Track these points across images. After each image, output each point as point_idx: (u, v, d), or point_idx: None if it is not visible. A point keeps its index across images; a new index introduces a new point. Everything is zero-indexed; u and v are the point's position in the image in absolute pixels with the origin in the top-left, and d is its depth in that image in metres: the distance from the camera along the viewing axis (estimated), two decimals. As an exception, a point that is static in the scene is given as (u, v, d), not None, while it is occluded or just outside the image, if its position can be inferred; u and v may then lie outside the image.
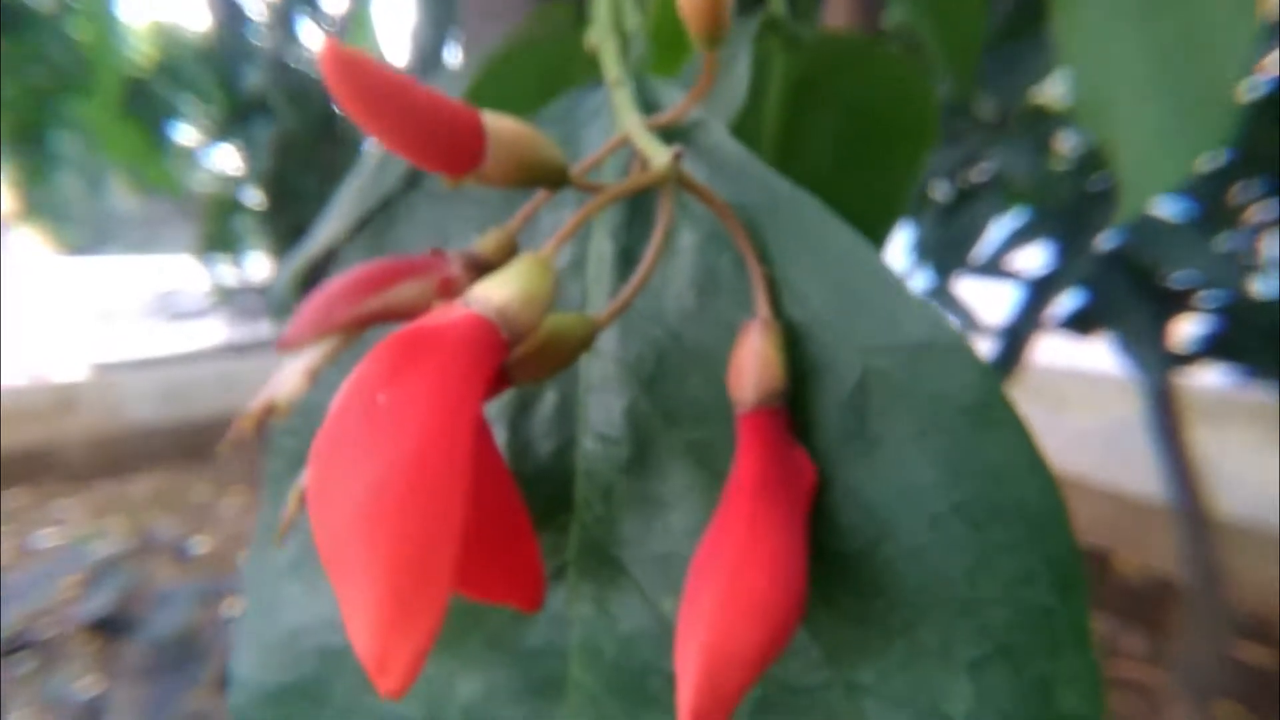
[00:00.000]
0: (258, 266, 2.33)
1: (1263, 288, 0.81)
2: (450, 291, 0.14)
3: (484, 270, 0.15)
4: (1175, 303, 0.85)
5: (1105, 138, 0.29)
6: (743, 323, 0.14)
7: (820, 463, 0.14)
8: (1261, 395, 1.07)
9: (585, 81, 0.21)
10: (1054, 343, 0.93)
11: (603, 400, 0.16)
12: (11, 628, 1.39)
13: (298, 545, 0.18)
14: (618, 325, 0.16)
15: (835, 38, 0.33)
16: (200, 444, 2.49)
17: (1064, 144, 0.85)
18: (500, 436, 0.17)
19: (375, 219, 0.18)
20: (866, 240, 0.14)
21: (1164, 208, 0.80)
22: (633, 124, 0.16)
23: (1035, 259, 0.89)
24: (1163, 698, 1.19)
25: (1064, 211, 0.85)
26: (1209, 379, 1.05)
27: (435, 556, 0.10)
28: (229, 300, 2.42)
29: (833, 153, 0.31)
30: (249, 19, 1.89)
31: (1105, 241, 0.83)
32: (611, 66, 0.17)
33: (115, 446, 2.40)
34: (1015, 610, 0.12)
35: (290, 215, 1.82)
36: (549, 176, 0.15)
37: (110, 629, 1.39)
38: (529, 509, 0.14)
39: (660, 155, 0.15)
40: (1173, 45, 0.27)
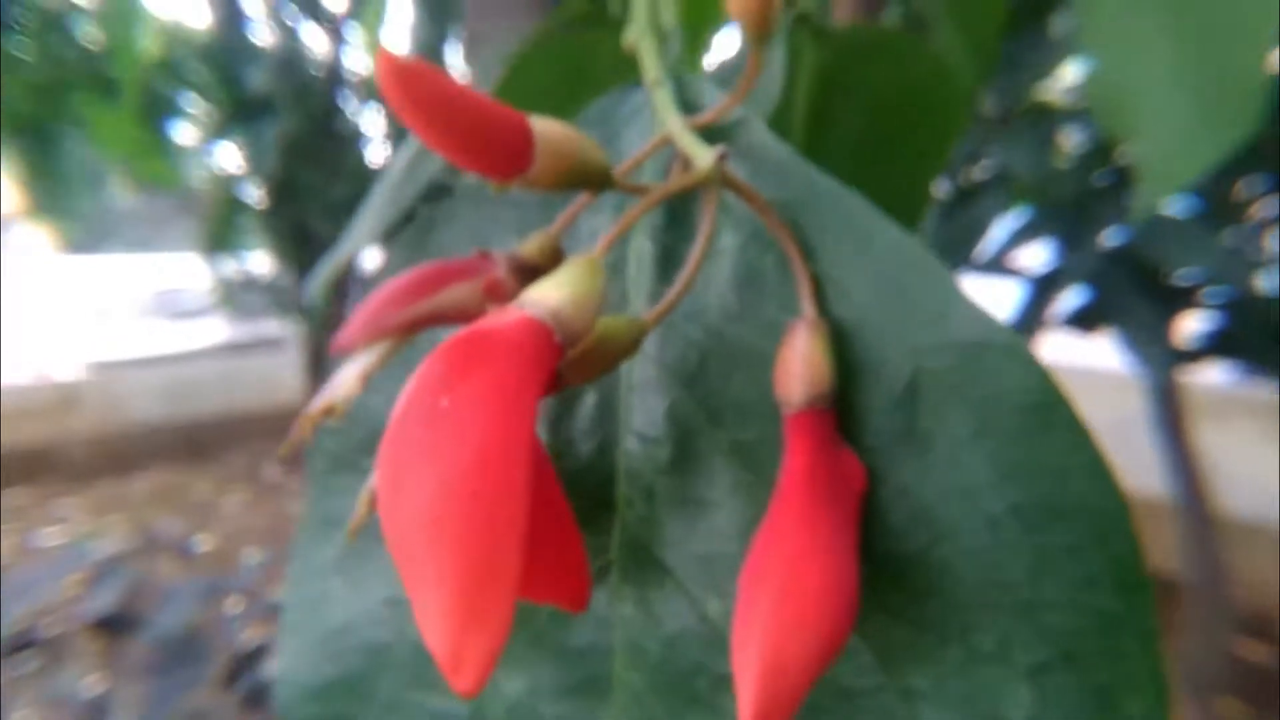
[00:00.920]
0: (259, 264, 2.32)
1: (1267, 284, 0.81)
2: (497, 294, 0.15)
3: (529, 273, 0.15)
4: (1179, 299, 0.85)
5: (1126, 128, 0.29)
6: (787, 323, 0.14)
7: (869, 463, 0.14)
8: (1265, 392, 1.07)
9: (608, 81, 0.21)
10: (1058, 340, 0.93)
11: (644, 400, 0.16)
12: (15, 626, 1.39)
13: (341, 542, 0.18)
14: (659, 326, 0.16)
15: (863, 29, 0.33)
16: (202, 442, 2.49)
17: (1067, 140, 0.85)
18: (542, 436, 0.17)
19: (416, 222, 0.18)
20: (912, 234, 0.14)
21: (1168, 204, 0.79)
22: (674, 125, 0.16)
23: (1038, 256, 0.89)
24: (1165, 694, 1.19)
25: (1067, 208, 0.85)
26: (1212, 376, 1.05)
27: (503, 556, 0.10)
28: (231, 297, 2.42)
29: (859, 145, 0.31)
30: (248, 17, 1.89)
31: (1109, 238, 0.83)
32: (651, 66, 0.17)
33: (117, 445, 2.40)
34: (1077, 614, 0.12)
35: (292, 213, 1.82)
36: (593, 179, 0.15)
37: (113, 627, 1.39)
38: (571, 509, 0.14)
39: (704, 156, 0.15)
40: (1199, 32, 0.27)
